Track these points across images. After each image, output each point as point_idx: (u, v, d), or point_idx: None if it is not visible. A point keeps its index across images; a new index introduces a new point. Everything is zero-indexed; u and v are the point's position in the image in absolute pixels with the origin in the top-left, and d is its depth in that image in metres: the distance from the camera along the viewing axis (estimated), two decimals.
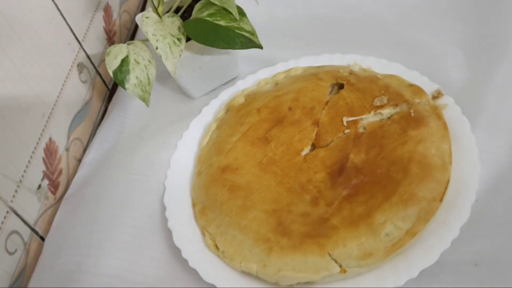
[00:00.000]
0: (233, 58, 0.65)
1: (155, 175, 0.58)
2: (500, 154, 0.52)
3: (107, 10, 0.77)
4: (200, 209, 0.52)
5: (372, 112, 0.53)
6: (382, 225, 0.44)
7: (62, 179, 0.62)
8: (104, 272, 0.50)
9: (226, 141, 0.55)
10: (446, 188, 0.46)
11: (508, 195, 0.48)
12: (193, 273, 0.47)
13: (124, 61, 0.58)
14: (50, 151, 0.59)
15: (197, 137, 0.60)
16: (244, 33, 0.58)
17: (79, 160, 0.66)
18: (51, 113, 0.60)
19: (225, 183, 0.52)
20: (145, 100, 0.58)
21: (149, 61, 0.59)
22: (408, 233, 0.44)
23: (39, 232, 0.57)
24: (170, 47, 0.57)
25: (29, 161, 0.55)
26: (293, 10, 0.75)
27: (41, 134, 0.58)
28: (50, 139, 0.60)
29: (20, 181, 0.54)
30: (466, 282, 0.44)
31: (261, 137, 0.54)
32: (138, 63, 0.58)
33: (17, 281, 0.52)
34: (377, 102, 0.53)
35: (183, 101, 0.67)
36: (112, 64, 0.57)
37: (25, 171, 0.54)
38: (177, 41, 0.57)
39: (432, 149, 0.48)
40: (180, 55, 0.57)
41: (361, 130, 0.52)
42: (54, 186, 0.60)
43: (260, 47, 0.59)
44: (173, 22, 0.59)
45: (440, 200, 0.45)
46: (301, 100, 0.56)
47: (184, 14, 0.63)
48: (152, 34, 0.57)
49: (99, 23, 0.74)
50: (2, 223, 0.50)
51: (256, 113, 0.57)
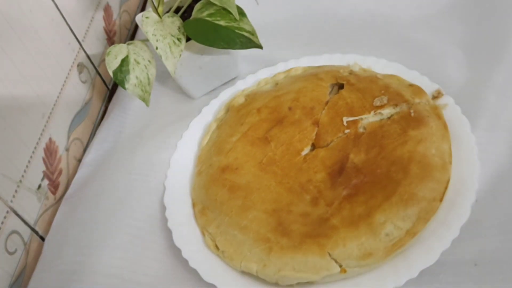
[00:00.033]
0: (233, 58, 0.65)
1: (155, 175, 0.58)
2: (500, 154, 0.52)
3: (107, 10, 0.77)
4: (200, 209, 0.52)
5: (372, 112, 0.53)
6: (382, 225, 0.44)
7: (62, 179, 0.62)
8: (104, 272, 0.50)
9: (226, 141, 0.55)
10: (446, 188, 0.46)
11: (508, 195, 0.48)
12: (193, 273, 0.47)
13: (124, 61, 0.58)
14: (50, 151, 0.59)
15: (197, 137, 0.60)
16: (244, 33, 0.58)
17: (79, 160, 0.66)
18: (51, 113, 0.60)
19: (225, 183, 0.52)
20: (145, 100, 0.58)
21: (149, 61, 0.59)
22: (408, 233, 0.44)
23: (39, 232, 0.57)
24: (170, 47, 0.57)
25: (29, 161, 0.55)
26: (293, 10, 0.75)
27: (41, 134, 0.58)
28: (50, 139, 0.60)
29: (20, 181, 0.54)
30: (466, 282, 0.44)
31: (261, 137, 0.54)
32: (138, 63, 0.58)
33: (17, 281, 0.52)
34: (377, 102, 0.54)
35: (183, 101, 0.67)
36: (112, 64, 0.57)
37: (25, 171, 0.54)
38: (177, 41, 0.57)
39: (432, 149, 0.48)
40: (180, 55, 0.57)
41: (361, 130, 0.52)
42: (54, 186, 0.60)
43: (260, 47, 0.59)
44: (173, 22, 0.59)
45: (440, 200, 0.45)
46: (301, 100, 0.56)
47: (184, 14, 0.63)
48: (152, 34, 0.57)
49: (99, 23, 0.74)
50: (2, 223, 0.50)
51: (256, 113, 0.57)
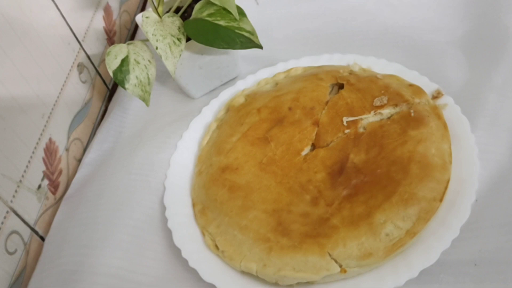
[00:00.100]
0: (233, 58, 0.65)
1: (155, 175, 0.58)
2: (500, 154, 0.52)
3: (107, 10, 0.77)
4: (200, 209, 0.52)
5: (372, 112, 0.53)
6: (382, 225, 0.44)
7: (62, 179, 0.62)
8: (104, 272, 0.50)
9: (226, 141, 0.55)
10: (446, 188, 0.46)
11: (508, 195, 0.48)
12: (193, 273, 0.47)
13: (124, 61, 0.58)
14: (50, 151, 0.59)
15: (197, 137, 0.60)
16: (244, 33, 0.58)
17: (79, 160, 0.66)
18: (51, 113, 0.60)
19: (225, 183, 0.52)
20: (145, 100, 0.58)
21: (149, 61, 0.59)
22: (408, 233, 0.44)
23: (39, 232, 0.57)
24: (170, 47, 0.57)
25: (29, 161, 0.55)
26: (293, 10, 0.75)
27: (41, 134, 0.58)
28: (50, 139, 0.60)
29: (20, 181, 0.54)
30: (466, 282, 0.44)
31: (261, 137, 0.54)
32: (138, 63, 0.58)
33: (17, 281, 0.52)
34: (377, 102, 0.54)
35: (183, 101, 0.67)
36: (112, 64, 0.57)
37: (25, 171, 0.54)
38: (177, 41, 0.57)
39: (432, 149, 0.48)
40: (180, 55, 0.57)
41: (361, 130, 0.52)
42: (54, 186, 0.60)
43: (260, 47, 0.59)
44: (173, 22, 0.59)
45: (440, 200, 0.45)
46: (301, 100, 0.56)
47: (184, 14, 0.63)
48: (152, 34, 0.57)
49: (99, 23, 0.74)
50: (2, 223, 0.50)
51: (256, 113, 0.57)
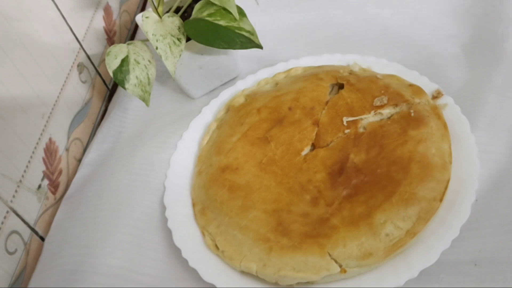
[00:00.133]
0: (233, 58, 0.65)
1: (155, 175, 0.58)
2: (500, 154, 0.52)
3: (107, 10, 0.77)
4: (200, 209, 0.52)
5: (372, 112, 0.53)
6: (382, 225, 0.44)
7: (62, 179, 0.62)
8: (104, 272, 0.50)
9: (226, 141, 0.55)
10: (446, 188, 0.46)
11: (508, 195, 0.48)
12: (193, 273, 0.47)
13: (124, 61, 0.58)
14: (50, 151, 0.59)
15: (197, 137, 0.60)
16: (244, 33, 0.58)
17: (79, 160, 0.66)
18: (51, 113, 0.60)
19: (225, 183, 0.52)
20: (145, 100, 0.58)
21: (149, 61, 0.59)
22: (408, 233, 0.44)
23: (39, 232, 0.57)
24: (170, 47, 0.57)
25: (29, 161, 0.55)
26: (293, 10, 0.75)
27: (41, 134, 0.58)
28: (50, 139, 0.60)
29: (20, 181, 0.54)
30: (466, 282, 0.44)
31: (261, 137, 0.54)
32: (138, 63, 0.58)
33: (17, 281, 0.52)
34: (377, 102, 0.54)
35: (183, 101, 0.67)
36: (112, 64, 0.57)
37: (25, 171, 0.54)
38: (177, 41, 0.57)
39: (432, 149, 0.48)
40: (180, 55, 0.57)
41: (361, 130, 0.52)
42: (54, 186, 0.60)
43: (260, 47, 0.59)
44: (173, 22, 0.59)
45: (440, 200, 0.45)
46: (301, 100, 0.56)
47: (184, 14, 0.63)
48: (152, 34, 0.57)
49: (99, 23, 0.74)
50: (2, 223, 0.50)
51: (256, 113, 0.57)
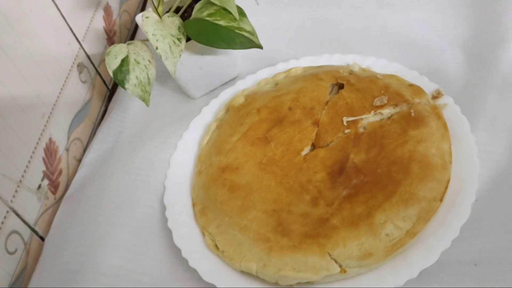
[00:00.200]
0: (233, 58, 0.65)
1: (155, 175, 0.58)
2: (500, 153, 0.52)
3: (107, 10, 0.77)
4: (200, 209, 0.52)
5: (372, 112, 0.53)
6: (382, 225, 0.44)
7: (62, 179, 0.62)
8: (104, 272, 0.50)
9: (226, 141, 0.55)
10: (446, 188, 0.46)
11: (508, 195, 0.48)
12: (193, 273, 0.47)
13: (124, 61, 0.58)
14: (50, 151, 0.59)
15: (197, 137, 0.60)
16: (244, 33, 0.58)
17: (79, 160, 0.66)
18: (51, 113, 0.60)
19: (225, 183, 0.52)
20: (145, 100, 0.58)
21: (149, 61, 0.59)
22: (408, 233, 0.44)
23: (39, 232, 0.57)
24: (170, 47, 0.57)
25: (29, 161, 0.55)
26: (293, 10, 0.75)
27: (41, 134, 0.58)
28: (50, 139, 0.60)
29: (20, 181, 0.54)
30: (466, 282, 0.44)
31: (261, 137, 0.54)
32: (138, 63, 0.58)
33: (17, 281, 0.52)
34: (377, 102, 0.54)
35: (183, 101, 0.67)
36: (112, 64, 0.57)
37: (25, 171, 0.54)
38: (177, 41, 0.57)
39: (432, 149, 0.48)
40: (180, 55, 0.57)
41: (361, 130, 0.52)
42: (54, 186, 0.60)
43: (260, 47, 0.59)
44: (173, 22, 0.59)
45: (441, 200, 0.45)
46: (301, 100, 0.56)
47: (184, 14, 0.63)
48: (152, 34, 0.57)
49: (99, 23, 0.74)
50: (2, 223, 0.50)
51: (256, 113, 0.57)
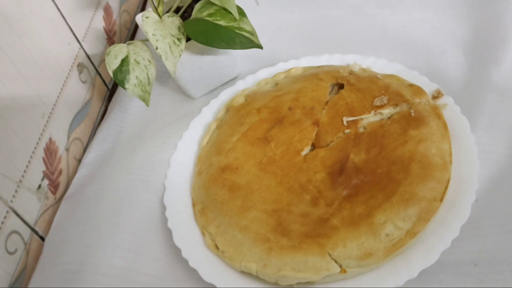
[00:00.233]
0: (233, 58, 0.65)
1: (155, 175, 0.58)
2: (500, 154, 0.52)
3: (107, 10, 0.77)
4: (200, 209, 0.52)
5: (372, 112, 0.53)
6: (382, 225, 0.44)
7: (62, 179, 0.62)
8: (104, 272, 0.50)
9: (226, 141, 0.55)
10: (446, 188, 0.46)
11: (508, 195, 0.48)
12: (193, 273, 0.47)
13: (124, 61, 0.58)
14: (50, 151, 0.59)
15: (197, 137, 0.60)
16: (244, 33, 0.58)
17: (79, 160, 0.66)
18: (51, 113, 0.60)
19: (225, 183, 0.52)
20: (145, 100, 0.58)
21: (149, 61, 0.59)
22: (408, 233, 0.44)
23: (39, 232, 0.57)
24: (170, 47, 0.57)
25: (29, 161, 0.55)
26: (293, 10, 0.75)
27: (41, 134, 0.58)
28: (50, 139, 0.60)
29: (20, 181, 0.54)
30: (466, 282, 0.44)
31: (261, 137, 0.54)
32: (138, 63, 0.58)
33: (17, 281, 0.52)
34: (377, 102, 0.54)
35: (183, 101, 0.67)
36: (112, 64, 0.57)
37: (25, 171, 0.54)
38: (177, 41, 0.57)
39: (432, 149, 0.48)
40: (180, 55, 0.57)
41: (361, 130, 0.52)
42: (54, 186, 0.60)
43: (260, 47, 0.59)
44: (173, 22, 0.59)
45: (441, 200, 0.45)
46: (301, 100, 0.56)
47: (184, 14, 0.63)
48: (152, 34, 0.57)
49: (99, 23, 0.74)
50: (2, 223, 0.50)
51: (256, 113, 0.57)
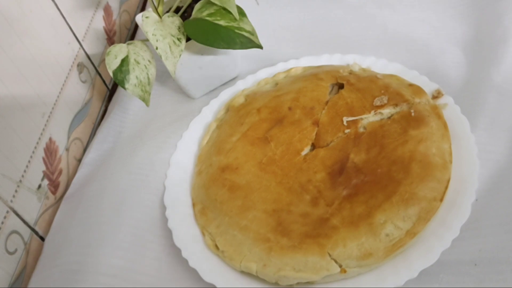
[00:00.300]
0: (233, 58, 0.65)
1: (155, 175, 0.58)
2: (500, 153, 0.52)
3: (107, 10, 0.77)
4: (200, 209, 0.52)
5: (372, 112, 0.53)
6: (382, 225, 0.44)
7: (62, 179, 0.62)
8: (104, 272, 0.50)
9: (226, 141, 0.55)
10: (446, 188, 0.46)
11: (508, 195, 0.48)
12: (193, 273, 0.47)
13: (124, 61, 0.58)
14: (50, 151, 0.59)
15: (197, 137, 0.60)
16: (244, 33, 0.58)
17: (79, 160, 0.66)
18: (51, 113, 0.60)
19: (225, 183, 0.52)
20: (145, 100, 0.58)
21: (149, 61, 0.59)
22: (408, 233, 0.44)
23: (39, 232, 0.57)
24: (170, 47, 0.57)
25: (29, 161, 0.55)
26: (293, 10, 0.75)
27: (41, 134, 0.58)
28: (50, 139, 0.60)
29: (20, 181, 0.54)
30: (466, 282, 0.44)
31: (261, 137, 0.54)
32: (138, 63, 0.58)
33: (17, 281, 0.52)
34: (377, 102, 0.54)
35: (183, 101, 0.67)
36: (112, 64, 0.57)
37: (25, 171, 0.54)
38: (177, 41, 0.57)
39: (432, 149, 0.48)
40: (180, 55, 0.57)
41: (361, 130, 0.52)
42: (54, 186, 0.60)
43: (260, 47, 0.59)
44: (173, 22, 0.59)
45: (441, 200, 0.45)
46: (301, 100, 0.56)
47: (184, 14, 0.63)
48: (152, 34, 0.57)
49: (99, 23, 0.74)
50: (2, 223, 0.50)
51: (256, 113, 0.57)
